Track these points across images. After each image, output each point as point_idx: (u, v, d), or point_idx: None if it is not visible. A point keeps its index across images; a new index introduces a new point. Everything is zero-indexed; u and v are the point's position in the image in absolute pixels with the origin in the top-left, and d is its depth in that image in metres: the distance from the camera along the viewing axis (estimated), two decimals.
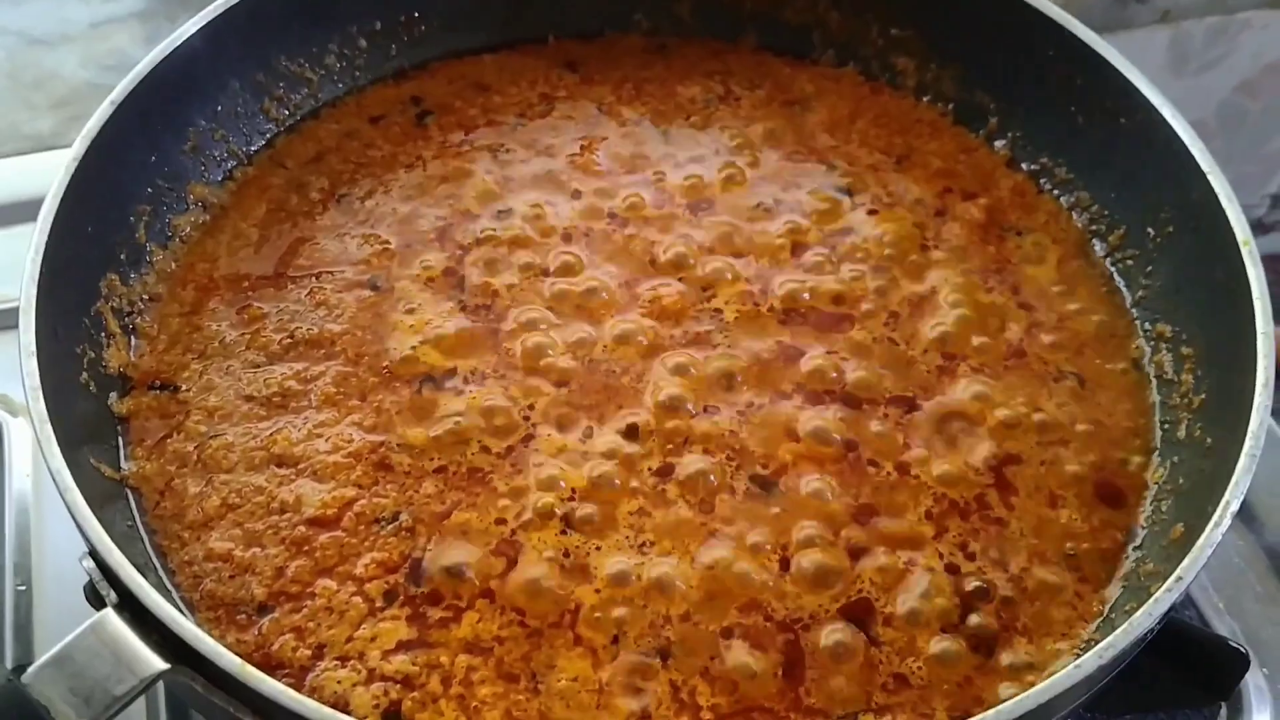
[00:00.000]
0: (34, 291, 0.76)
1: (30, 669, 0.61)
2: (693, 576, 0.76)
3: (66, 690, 0.60)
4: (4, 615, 0.88)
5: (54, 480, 0.68)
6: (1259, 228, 0.81)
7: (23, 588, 0.90)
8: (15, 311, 1.00)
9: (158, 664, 0.62)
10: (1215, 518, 0.69)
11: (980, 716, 0.62)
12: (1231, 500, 0.70)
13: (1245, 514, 0.98)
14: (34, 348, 0.73)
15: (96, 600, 0.65)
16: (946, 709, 0.72)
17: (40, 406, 0.71)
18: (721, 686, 0.73)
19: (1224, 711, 0.88)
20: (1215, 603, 0.93)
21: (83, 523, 0.66)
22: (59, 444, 0.69)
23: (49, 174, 0.83)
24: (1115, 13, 1.44)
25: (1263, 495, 0.97)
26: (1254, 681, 0.89)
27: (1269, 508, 0.98)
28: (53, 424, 0.70)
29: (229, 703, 0.62)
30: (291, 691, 0.61)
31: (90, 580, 0.66)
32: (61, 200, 0.81)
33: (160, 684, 0.66)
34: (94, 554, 0.66)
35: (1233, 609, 0.92)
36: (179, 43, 0.91)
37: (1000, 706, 0.62)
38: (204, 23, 0.93)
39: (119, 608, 0.64)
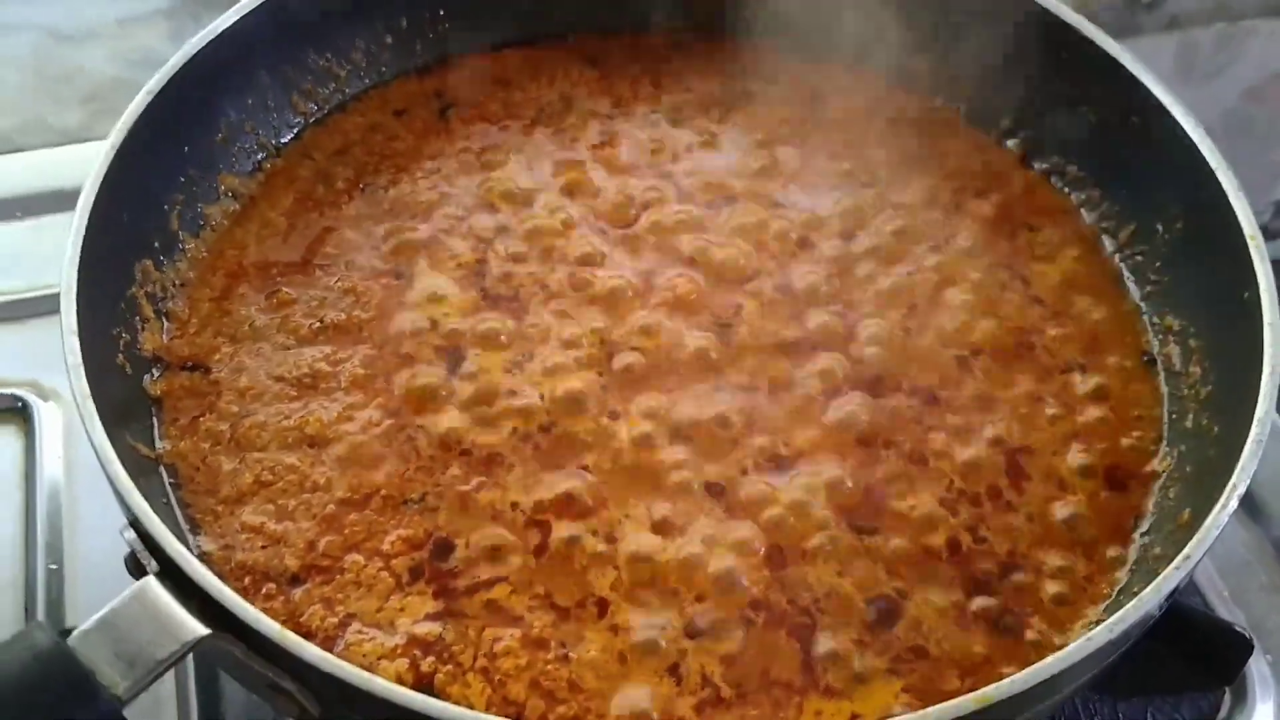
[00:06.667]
0: (74, 275, 0.78)
1: (76, 632, 0.62)
2: (715, 558, 0.78)
3: (111, 654, 0.62)
4: (37, 594, 0.90)
5: (96, 454, 0.70)
6: (1264, 233, 0.83)
7: (54, 567, 0.92)
8: (44, 299, 1.04)
9: (199, 629, 0.64)
10: (1222, 500, 0.71)
11: (994, 686, 0.64)
12: (1238, 483, 0.72)
13: (1251, 506, 1.00)
14: (75, 327, 0.75)
15: (137, 570, 0.67)
16: (958, 677, 0.74)
17: (82, 384, 0.73)
18: (743, 664, 0.74)
19: (1228, 696, 0.90)
20: (1221, 592, 0.95)
21: (125, 494, 0.68)
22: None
23: (75, 167, 0.85)
24: (1124, 19, 1.47)
25: (1269, 487, 0.99)
26: (1258, 669, 0.91)
27: (1275, 500, 1.00)
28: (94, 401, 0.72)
29: (268, 668, 0.64)
30: (331, 656, 0.62)
31: (132, 551, 0.68)
32: (99, 189, 0.82)
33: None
34: (135, 524, 0.68)
35: (1238, 598, 0.94)
36: (212, 36, 0.93)
37: (1014, 677, 0.64)
38: (237, 18, 0.95)
39: (160, 576, 0.65)
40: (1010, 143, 1.04)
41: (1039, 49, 1.01)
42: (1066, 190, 1.01)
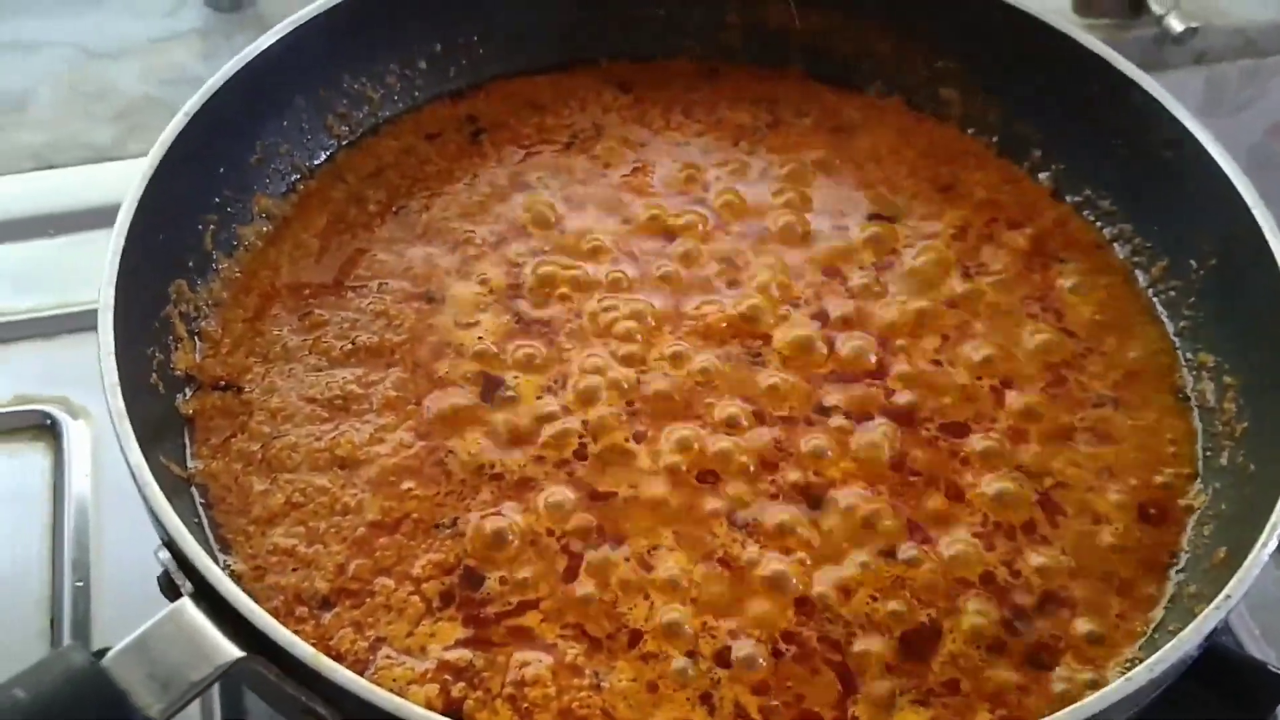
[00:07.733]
0: (112, 294, 0.78)
1: (110, 653, 0.62)
2: (746, 588, 0.78)
3: (146, 675, 0.62)
4: (64, 611, 0.90)
5: (132, 474, 0.70)
6: None
7: (81, 584, 0.92)
8: (75, 316, 1.04)
9: (234, 651, 0.64)
10: (1263, 539, 0.71)
11: None
12: (1279, 522, 0.71)
13: None
14: (112, 346, 0.75)
15: (170, 590, 0.67)
16: (989, 711, 0.74)
17: (119, 403, 0.73)
18: (775, 695, 0.74)
19: None
20: (1252, 630, 0.94)
21: (161, 515, 0.68)
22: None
23: (107, 184, 0.85)
24: (1151, 53, 1.46)
25: None
26: None
27: None
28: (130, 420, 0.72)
29: (300, 691, 0.64)
30: (364, 681, 0.62)
31: (165, 571, 0.68)
32: (136, 209, 0.83)
33: None
34: (170, 545, 0.68)
35: (1270, 636, 0.93)
36: (249, 59, 0.94)
37: (1053, 716, 0.64)
38: (273, 40, 0.95)
39: (195, 597, 0.65)
40: (1042, 175, 1.04)
41: (1071, 81, 1.01)
42: (1099, 224, 1.01)
